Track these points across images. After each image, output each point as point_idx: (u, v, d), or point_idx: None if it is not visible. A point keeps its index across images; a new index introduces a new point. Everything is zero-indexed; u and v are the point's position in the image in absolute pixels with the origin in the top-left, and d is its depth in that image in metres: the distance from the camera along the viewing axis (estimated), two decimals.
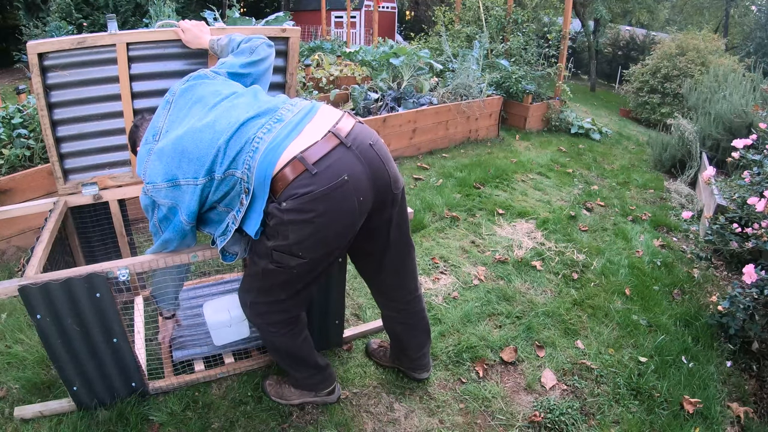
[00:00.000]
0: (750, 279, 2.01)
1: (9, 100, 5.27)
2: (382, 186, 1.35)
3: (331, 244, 1.33)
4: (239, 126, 1.29)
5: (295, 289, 1.44)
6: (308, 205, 1.22)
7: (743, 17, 13.46)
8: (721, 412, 1.86)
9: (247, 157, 1.26)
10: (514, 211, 3.45)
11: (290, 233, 1.26)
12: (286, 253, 1.31)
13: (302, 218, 1.24)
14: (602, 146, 5.52)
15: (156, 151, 1.36)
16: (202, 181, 1.31)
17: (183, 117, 1.39)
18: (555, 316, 2.34)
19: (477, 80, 5.12)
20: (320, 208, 1.23)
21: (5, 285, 1.34)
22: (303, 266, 1.35)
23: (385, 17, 15.16)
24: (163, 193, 1.34)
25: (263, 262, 1.37)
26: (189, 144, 1.31)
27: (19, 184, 2.50)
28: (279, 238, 1.29)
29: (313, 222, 1.25)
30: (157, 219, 1.42)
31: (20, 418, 1.60)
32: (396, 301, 1.68)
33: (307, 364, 1.65)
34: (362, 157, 1.29)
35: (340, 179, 1.23)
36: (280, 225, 1.26)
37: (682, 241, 3.33)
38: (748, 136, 3.08)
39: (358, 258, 1.61)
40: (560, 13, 7.27)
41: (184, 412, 1.67)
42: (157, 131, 1.41)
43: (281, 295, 1.45)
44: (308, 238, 1.27)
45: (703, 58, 6.79)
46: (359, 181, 1.27)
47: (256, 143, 1.26)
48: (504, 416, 1.78)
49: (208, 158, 1.29)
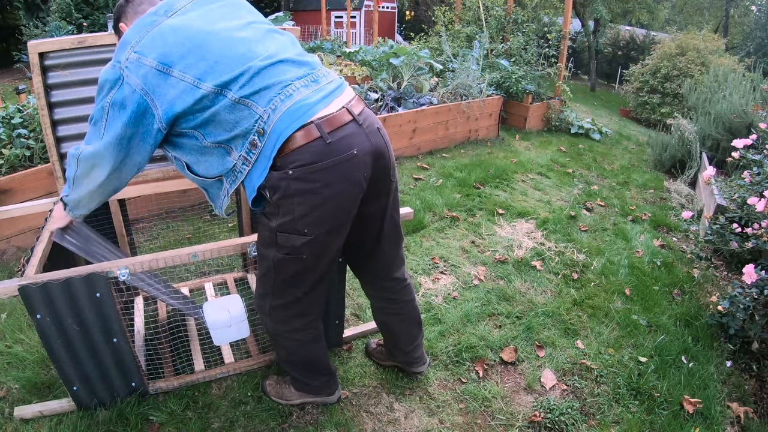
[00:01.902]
0: (750, 279, 2.01)
1: (9, 100, 5.27)
2: (383, 169, 1.37)
3: (335, 219, 1.30)
4: (278, 62, 1.23)
5: (308, 282, 1.42)
6: (316, 175, 1.21)
7: (743, 17, 13.46)
8: (721, 412, 1.86)
9: (277, 98, 1.20)
10: (514, 211, 3.45)
11: (296, 206, 1.24)
12: (291, 231, 1.28)
13: (309, 188, 1.22)
14: (602, 146, 5.52)
15: (165, 26, 1.18)
16: (206, 88, 1.16)
17: (212, 14, 1.25)
18: (555, 316, 2.34)
19: (477, 80, 5.12)
20: (328, 179, 1.23)
21: (5, 285, 1.34)
22: (310, 248, 1.31)
23: (385, 17, 15.16)
24: (143, 73, 1.14)
25: (271, 252, 1.35)
26: (215, 44, 1.18)
27: (19, 184, 2.50)
28: (283, 215, 1.27)
29: (320, 193, 1.23)
30: (109, 103, 1.17)
31: (20, 418, 1.60)
32: (387, 290, 1.68)
33: (321, 372, 1.66)
34: (371, 137, 1.31)
35: (349, 152, 1.24)
36: (285, 198, 1.24)
37: (682, 241, 3.33)
38: (748, 136, 3.09)
39: (351, 246, 1.57)
40: (560, 13, 7.28)
41: (184, 412, 1.67)
42: (172, 9, 1.23)
43: (297, 293, 1.43)
44: (313, 210, 1.25)
45: (703, 58, 6.79)
46: (366, 159, 1.29)
47: (291, 90, 1.21)
48: (504, 416, 1.78)
49: (230, 72, 1.17)
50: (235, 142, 1.23)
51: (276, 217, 1.28)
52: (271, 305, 1.47)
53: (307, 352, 1.58)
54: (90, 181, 1.29)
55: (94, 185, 1.29)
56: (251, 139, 1.22)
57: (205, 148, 1.26)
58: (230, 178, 1.30)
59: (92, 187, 1.30)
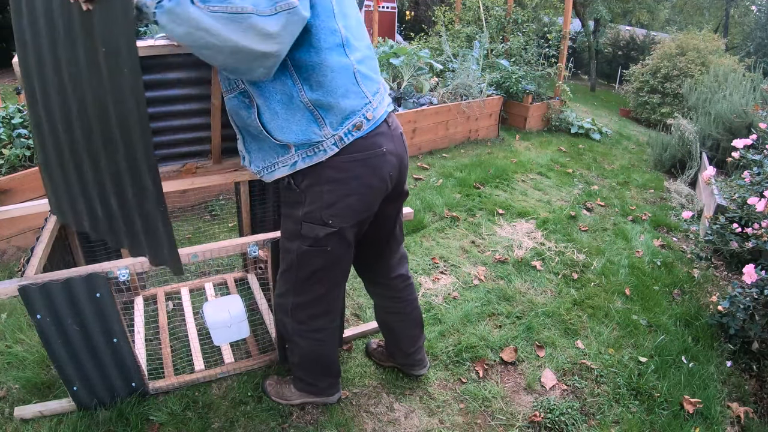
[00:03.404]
0: (750, 279, 2.01)
1: (9, 100, 5.27)
2: (401, 173, 1.40)
3: (359, 213, 1.32)
4: (373, 55, 1.32)
5: (332, 278, 1.43)
6: (348, 165, 1.24)
7: (743, 17, 13.46)
8: (721, 412, 1.86)
9: (379, 92, 1.30)
10: (514, 211, 3.45)
11: (324, 194, 1.26)
12: (315, 221, 1.29)
13: (340, 176, 1.25)
14: (602, 146, 5.51)
15: None
16: (341, 31, 1.17)
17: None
18: (555, 316, 2.34)
19: (477, 80, 5.11)
20: (358, 171, 1.26)
21: (5, 285, 1.34)
22: (334, 241, 1.32)
23: (385, 17, 15.13)
24: None
25: (295, 244, 1.35)
26: (351, 9, 1.24)
27: (19, 184, 2.50)
28: (309, 203, 1.28)
29: (348, 184, 1.26)
30: None
31: (20, 418, 1.60)
32: (390, 288, 1.70)
33: (331, 373, 1.67)
34: (395, 140, 1.35)
35: (378, 149, 1.28)
36: (314, 185, 1.25)
37: (682, 241, 3.33)
38: (748, 136, 3.08)
39: (363, 245, 1.58)
40: (560, 13, 7.27)
41: (184, 412, 1.67)
42: None
43: (321, 289, 1.43)
44: (340, 201, 1.27)
45: (703, 58, 6.78)
46: (392, 159, 1.33)
47: (382, 88, 1.33)
48: (504, 416, 1.78)
49: (355, 39, 1.23)
50: (334, 115, 1.20)
51: (301, 205, 1.29)
52: (293, 303, 1.46)
53: (324, 351, 1.59)
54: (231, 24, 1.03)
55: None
56: (356, 121, 1.23)
57: (296, 105, 1.19)
58: (305, 152, 1.23)
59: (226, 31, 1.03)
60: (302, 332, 1.52)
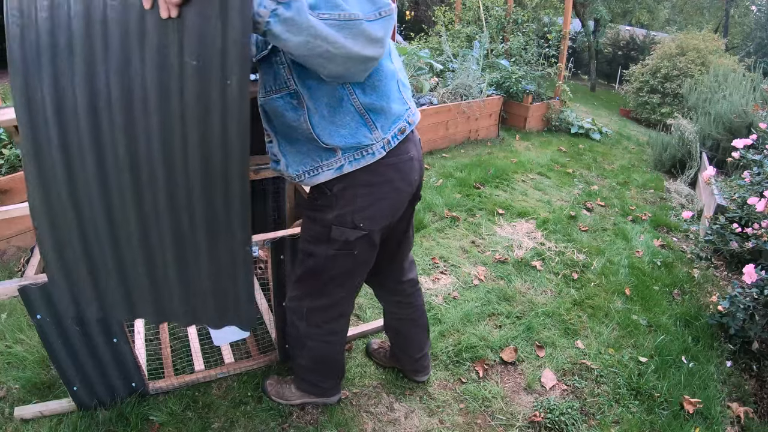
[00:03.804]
0: (750, 279, 2.01)
1: (9, 100, 5.27)
2: (421, 178, 1.43)
3: (387, 217, 1.33)
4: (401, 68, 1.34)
5: (354, 281, 1.43)
6: (382, 169, 1.25)
7: (743, 17, 13.45)
8: (721, 412, 1.86)
9: (411, 99, 1.34)
10: (514, 211, 3.45)
11: (357, 197, 1.26)
12: (347, 225, 1.28)
13: (375, 180, 1.25)
14: (602, 146, 5.51)
15: None
16: None
17: None
18: (555, 316, 2.34)
19: (477, 80, 5.11)
20: (391, 175, 1.27)
21: (5, 285, 1.34)
22: (362, 244, 1.33)
23: None
24: None
25: (321, 247, 1.33)
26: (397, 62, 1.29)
27: (19, 184, 2.49)
28: (341, 206, 1.26)
29: (382, 188, 1.27)
30: None
31: (20, 418, 1.60)
32: (401, 293, 1.70)
33: (336, 374, 1.67)
34: (418, 146, 1.37)
35: (407, 155, 1.30)
36: (348, 188, 1.25)
37: (682, 241, 3.33)
38: (748, 136, 3.08)
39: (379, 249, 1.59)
40: (560, 13, 7.27)
41: (184, 412, 1.67)
42: None
43: (341, 292, 1.43)
44: (372, 204, 1.28)
45: (703, 58, 6.78)
46: (416, 164, 1.35)
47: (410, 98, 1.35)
48: (504, 416, 1.78)
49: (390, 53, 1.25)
50: (385, 118, 1.22)
51: (331, 209, 1.28)
52: (309, 307, 1.46)
53: (333, 353, 1.60)
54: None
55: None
56: (401, 125, 1.26)
57: (345, 109, 1.17)
58: (353, 155, 1.21)
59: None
60: (316, 335, 1.52)
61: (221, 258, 1.10)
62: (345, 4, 0.99)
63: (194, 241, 1.08)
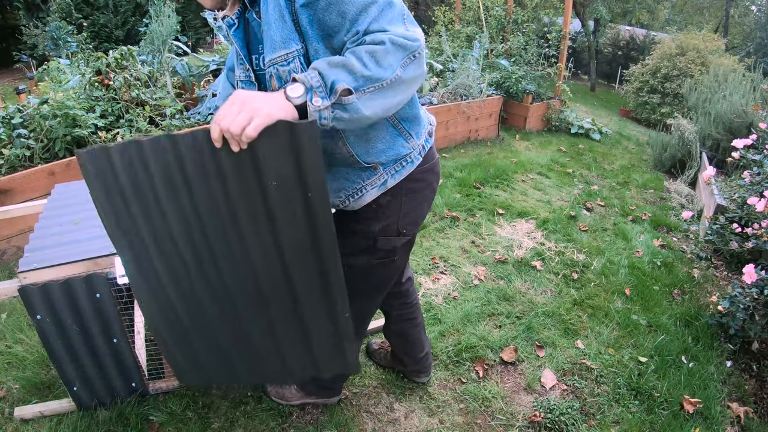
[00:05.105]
0: (750, 279, 2.01)
1: (9, 100, 5.27)
2: None
3: (422, 219, 1.34)
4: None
5: (389, 286, 1.43)
6: (423, 175, 1.27)
7: (743, 17, 13.45)
8: (721, 412, 1.86)
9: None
10: (514, 211, 3.45)
11: (403, 205, 1.25)
12: (392, 234, 1.27)
13: (417, 186, 1.26)
14: (602, 146, 5.52)
15: None
16: None
17: None
18: (555, 316, 2.34)
19: (477, 80, 5.11)
20: (429, 179, 1.29)
21: (5, 285, 1.34)
22: (404, 249, 1.33)
23: None
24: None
25: (362, 259, 1.29)
26: None
27: (19, 184, 2.50)
28: (387, 217, 1.24)
29: (422, 192, 1.29)
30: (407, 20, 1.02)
31: (20, 418, 1.60)
32: (403, 294, 1.70)
33: (345, 375, 1.67)
34: (434, 148, 1.38)
35: (436, 155, 1.33)
36: (394, 198, 1.23)
37: (682, 241, 3.33)
38: (748, 136, 3.08)
39: None
40: (560, 13, 7.27)
41: (184, 412, 1.67)
42: None
43: (379, 298, 1.45)
44: (414, 210, 1.28)
45: (703, 58, 6.79)
46: (438, 167, 1.37)
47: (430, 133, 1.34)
48: (504, 416, 1.78)
49: None
50: (417, 125, 1.22)
51: (377, 221, 1.24)
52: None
53: None
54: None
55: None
56: (429, 129, 1.28)
57: (378, 124, 1.15)
58: (394, 167, 1.20)
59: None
60: None
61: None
62: (384, 60, 0.95)
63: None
